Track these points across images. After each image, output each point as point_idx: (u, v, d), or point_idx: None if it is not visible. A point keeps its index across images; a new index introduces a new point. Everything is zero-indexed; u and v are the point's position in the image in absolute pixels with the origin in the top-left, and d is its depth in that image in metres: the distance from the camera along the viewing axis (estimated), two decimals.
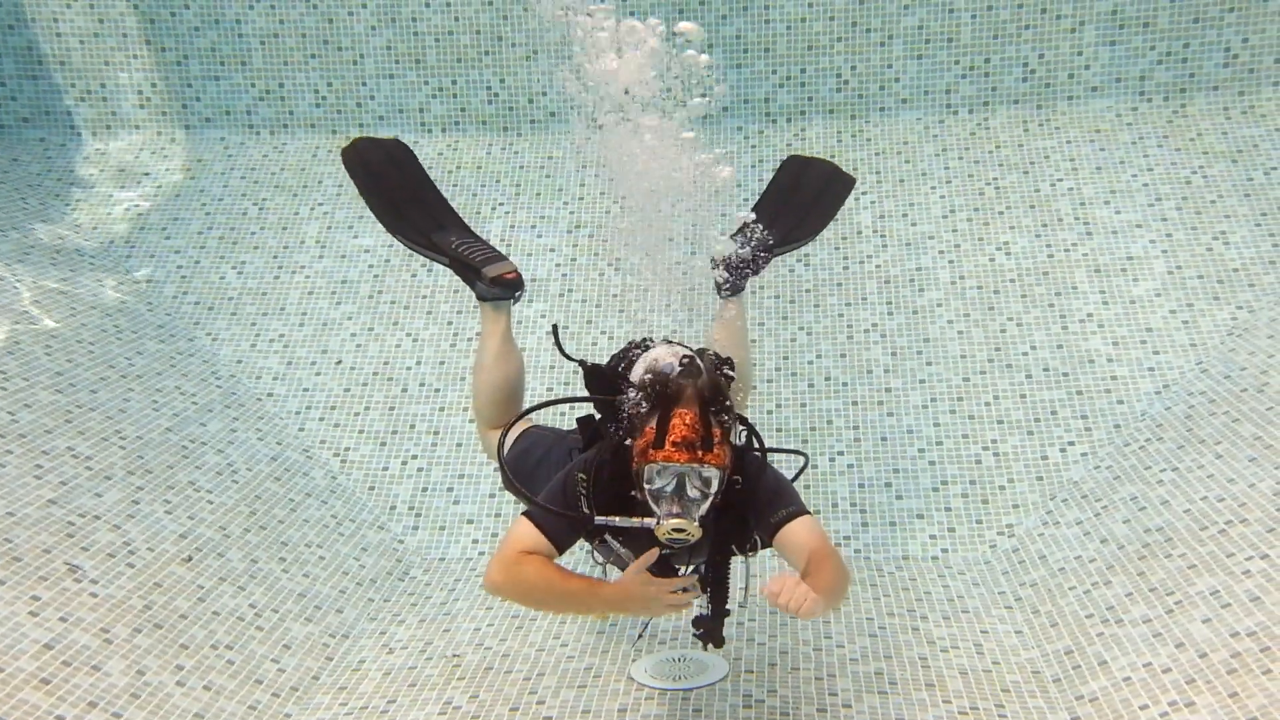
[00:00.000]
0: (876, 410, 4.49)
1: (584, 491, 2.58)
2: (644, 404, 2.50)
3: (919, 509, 4.17)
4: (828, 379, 4.63)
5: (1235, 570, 3.08)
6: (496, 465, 2.96)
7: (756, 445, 2.73)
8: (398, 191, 3.51)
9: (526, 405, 3.26)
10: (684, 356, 2.67)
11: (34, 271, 4.80)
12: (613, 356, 2.99)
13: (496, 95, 5.79)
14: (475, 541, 4.25)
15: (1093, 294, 4.69)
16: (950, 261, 4.96)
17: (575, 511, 2.57)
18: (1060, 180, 5.18)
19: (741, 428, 2.73)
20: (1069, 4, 5.37)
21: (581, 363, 2.99)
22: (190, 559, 3.55)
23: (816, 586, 2.35)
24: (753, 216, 3.53)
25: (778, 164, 3.89)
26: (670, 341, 2.89)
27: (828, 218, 3.79)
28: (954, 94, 5.57)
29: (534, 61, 5.72)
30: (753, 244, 3.47)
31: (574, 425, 2.97)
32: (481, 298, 3.38)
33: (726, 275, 3.44)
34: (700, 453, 2.42)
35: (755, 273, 3.51)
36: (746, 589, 2.78)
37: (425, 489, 4.42)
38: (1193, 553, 3.26)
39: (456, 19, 5.68)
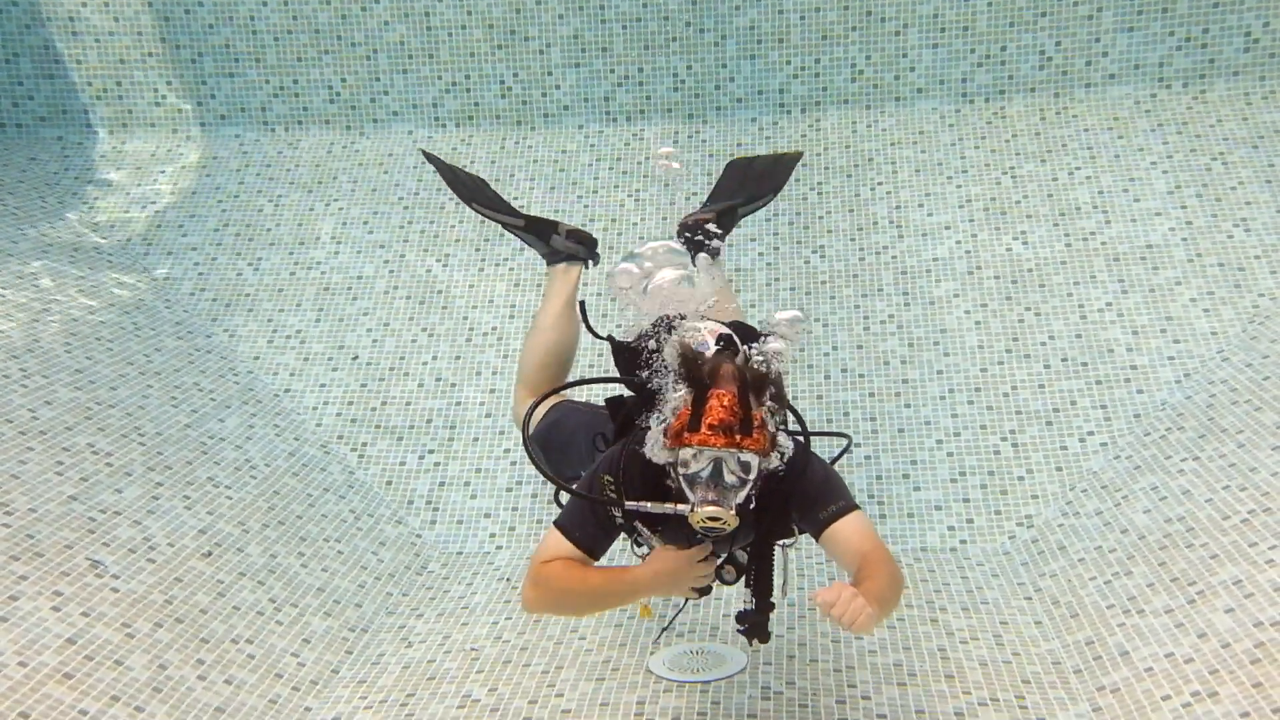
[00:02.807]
0: (894, 402, 4.47)
1: (612, 493, 2.48)
2: (678, 384, 2.38)
3: (937, 500, 4.15)
4: (844, 371, 4.61)
5: (1258, 560, 3.05)
6: (523, 439, 2.88)
7: (799, 429, 2.61)
8: (470, 181, 3.70)
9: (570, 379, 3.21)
10: (720, 333, 2.55)
11: (52, 269, 4.83)
12: (641, 334, 2.87)
13: (510, 90, 5.78)
14: (493, 535, 4.26)
15: (1112, 283, 4.65)
16: (967, 251, 4.92)
17: (609, 525, 2.48)
18: (1078, 169, 5.14)
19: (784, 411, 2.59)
20: None
21: (609, 338, 2.90)
22: (210, 554, 3.57)
23: (870, 594, 2.23)
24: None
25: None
26: (704, 317, 2.77)
27: (784, 178, 3.80)
28: (970, 83, 5.53)
29: (547, 56, 5.71)
30: (712, 205, 3.40)
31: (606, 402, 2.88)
32: (553, 256, 3.34)
33: (687, 239, 3.31)
34: (739, 437, 2.29)
35: (722, 236, 3.38)
36: (785, 581, 2.67)
37: (442, 483, 4.43)
38: (1215, 542, 3.23)
39: (469, 13, 5.68)
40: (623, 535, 2.60)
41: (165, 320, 4.89)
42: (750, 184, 3.72)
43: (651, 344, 2.70)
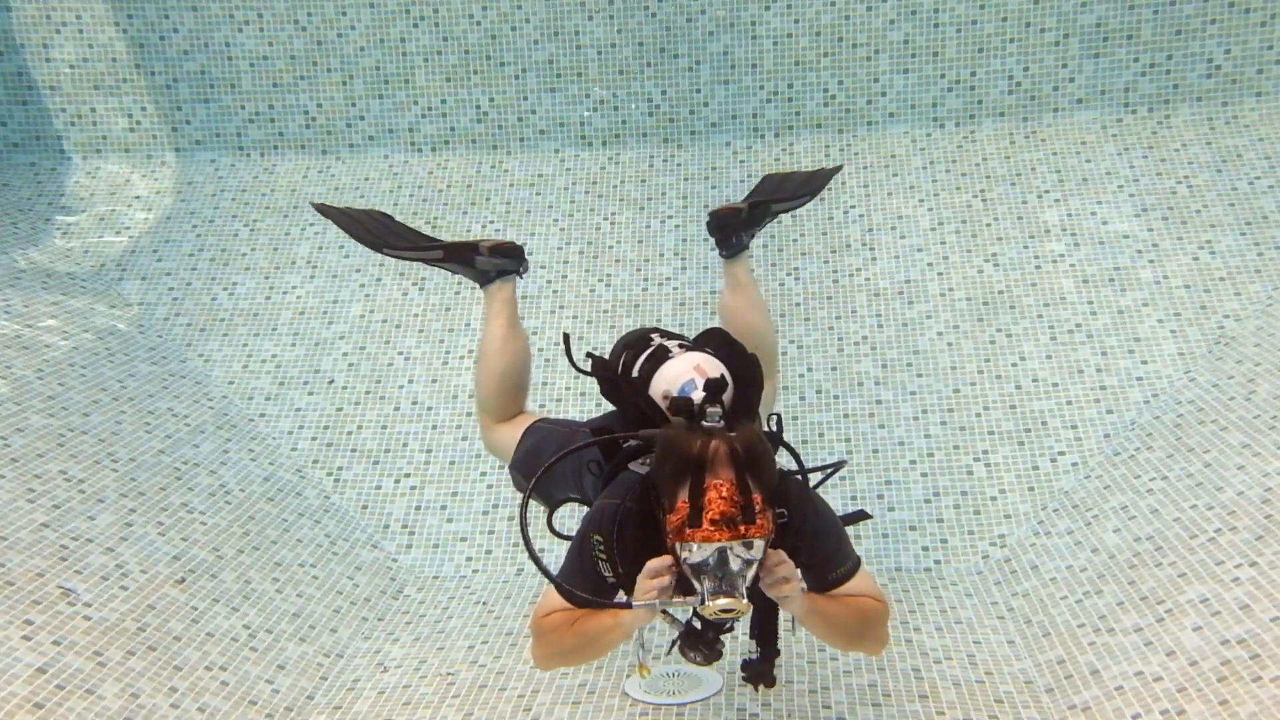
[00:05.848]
0: (868, 423, 4.50)
1: (602, 556, 2.39)
2: (670, 469, 2.24)
3: (911, 520, 4.18)
4: (819, 392, 4.64)
5: (1225, 578, 3.09)
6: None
7: (796, 468, 2.54)
8: (375, 224, 3.48)
9: (531, 396, 3.10)
10: (709, 377, 2.44)
11: (25, 295, 4.80)
12: (617, 352, 2.76)
13: (485, 114, 5.82)
14: (469, 559, 4.25)
15: (1081, 304, 4.72)
16: (939, 274, 4.98)
17: (601, 585, 2.39)
18: (1047, 192, 5.22)
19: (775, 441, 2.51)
20: (1053, 17, 5.43)
21: (589, 355, 2.81)
22: (184, 580, 3.55)
23: (820, 600, 2.24)
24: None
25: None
26: (685, 347, 2.66)
27: (822, 185, 3.66)
28: (940, 107, 5.61)
29: (522, 80, 5.75)
30: (749, 200, 3.23)
31: (582, 415, 2.84)
32: (484, 278, 3.20)
33: (720, 234, 3.21)
34: (742, 527, 2.15)
35: (755, 226, 3.28)
36: (794, 621, 2.55)
37: (419, 507, 4.42)
38: (1183, 561, 3.28)
39: (445, 39, 5.72)
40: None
41: (139, 345, 4.86)
42: (786, 191, 3.59)
43: (637, 375, 2.64)
